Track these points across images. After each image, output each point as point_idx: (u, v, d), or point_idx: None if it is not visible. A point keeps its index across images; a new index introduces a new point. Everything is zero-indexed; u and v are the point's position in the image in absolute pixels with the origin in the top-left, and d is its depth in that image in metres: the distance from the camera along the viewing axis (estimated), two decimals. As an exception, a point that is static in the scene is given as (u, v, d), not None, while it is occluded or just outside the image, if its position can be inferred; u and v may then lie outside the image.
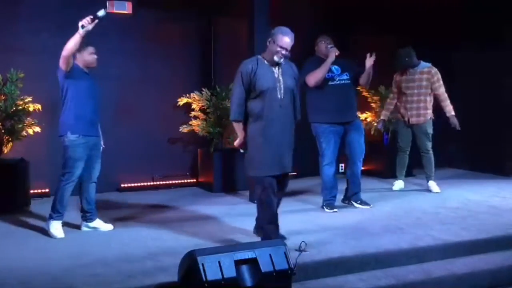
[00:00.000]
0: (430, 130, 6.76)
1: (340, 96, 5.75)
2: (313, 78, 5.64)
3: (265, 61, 4.50)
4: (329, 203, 5.85)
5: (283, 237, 4.53)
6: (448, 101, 6.68)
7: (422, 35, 7.50)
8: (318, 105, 5.73)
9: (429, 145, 6.78)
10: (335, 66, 5.75)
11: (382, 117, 7.08)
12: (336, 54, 5.65)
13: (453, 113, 6.66)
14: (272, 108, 4.42)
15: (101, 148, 5.16)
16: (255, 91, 4.41)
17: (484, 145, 8.06)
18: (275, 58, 4.44)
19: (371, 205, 6.01)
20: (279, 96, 4.45)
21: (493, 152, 7.97)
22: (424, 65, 6.71)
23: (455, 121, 6.67)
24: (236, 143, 4.62)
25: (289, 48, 4.46)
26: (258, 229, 4.72)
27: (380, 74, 7.57)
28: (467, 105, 7.25)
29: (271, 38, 4.47)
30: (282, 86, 4.47)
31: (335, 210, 5.80)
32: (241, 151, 4.63)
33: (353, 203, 6.02)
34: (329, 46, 5.75)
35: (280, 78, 4.49)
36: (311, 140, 5.99)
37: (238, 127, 4.52)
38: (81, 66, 4.95)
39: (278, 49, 4.42)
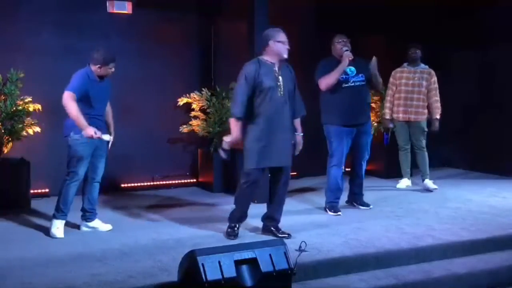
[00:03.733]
0: (426, 128, 6.88)
1: (354, 98, 5.66)
2: (325, 83, 5.58)
3: (266, 62, 4.74)
4: (332, 205, 5.76)
5: (289, 235, 4.81)
6: (439, 104, 6.84)
7: (421, 35, 7.50)
8: (332, 106, 5.64)
9: (424, 142, 6.89)
10: (350, 67, 5.63)
11: (388, 117, 7.01)
12: (350, 59, 5.55)
13: (438, 116, 6.85)
14: (273, 105, 4.68)
15: (109, 145, 5.15)
16: (258, 89, 4.66)
17: (484, 145, 8.05)
18: (284, 54, 4.72)
19: (371, 206, 6.00)
20: (279, 95, 4.71)
21: (493, 152, 7.97)
22: (423, 66, 6.90)
23: (437, 125, 6.87)
24: (227, 139, 4.75)
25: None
26: (265, 229, 4.98)
27: (379, 75, 7.61)
28: (466, 105, 7.26)
29: (268, 40, 4.73)
30: (282, 85, 4.73)
31: (339, 213, 5.70)
32: (222, 152, 4.79)
33: (353, 204, 6.02)
34: (343, 49, 5.61)
35: (280, 78, 4.75)
36: (311, 141, 5.98)
37: (235, 125, 4.72)
38: (94, 75, 4.99)
39: (281, 45, 4.70)
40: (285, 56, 4.74)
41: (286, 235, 4.78)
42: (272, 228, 4.91)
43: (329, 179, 5.79)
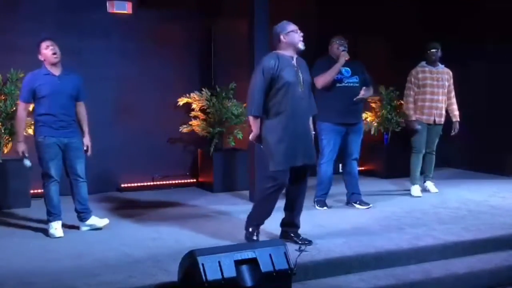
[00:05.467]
0: (441, 131, 6.75)
1: (347, 98, 5.76)
2: (321, 80, 5.70)
3: (284, 55, 4.50)
4: (319, 200, 5.92)
5: (310, 242, 4.59)
6: (456, 106, 6.74)
7: (422, 35, 7.50)
8: (324, 104, 5.66)
9: (436, 145, 6.78)
10: (346, 68, 5.77)
11: (413, 118, 6.54)
12: (346, 59, 5.68)
13: (459, 119, 6.73)
14: (294, 101, 4.44)
15: (83, 148, 5.03)
16: (277, 85, 4.42)
17: (484, 145, 8.05)
18: (300, 45, 4.51)
19: (371, 205, 6.00)
20: (300, 89, 4.48)
21: (493, 152, 7.97)
22: (442, 66, 6.68)
23: (457, 127, 6.74)
24: (251, 137, 4.55)
25: None
26: (284, 236, 4.68)
27: (380, 75, 7.62)
28: (466, 105, 7.24)
29: (280, 33, 4.51)
30: (301, 79, 4.51)
31: (325, 208, 5.88)
32: (260, 145, 4.60)
33: (352, 203, 6.02)
34: (340, 48, 5.75)
35: (299, 71, 4.52)
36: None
37: (255, 123, 4.49)
38: (47, 68, 4.90)
39: (293, 33, 4.50)
40: (301, 46, 4.51)
41: (307, 242, 4.56)
42: (292, 235, 4.65)
43: (319, 175, 5.93)
